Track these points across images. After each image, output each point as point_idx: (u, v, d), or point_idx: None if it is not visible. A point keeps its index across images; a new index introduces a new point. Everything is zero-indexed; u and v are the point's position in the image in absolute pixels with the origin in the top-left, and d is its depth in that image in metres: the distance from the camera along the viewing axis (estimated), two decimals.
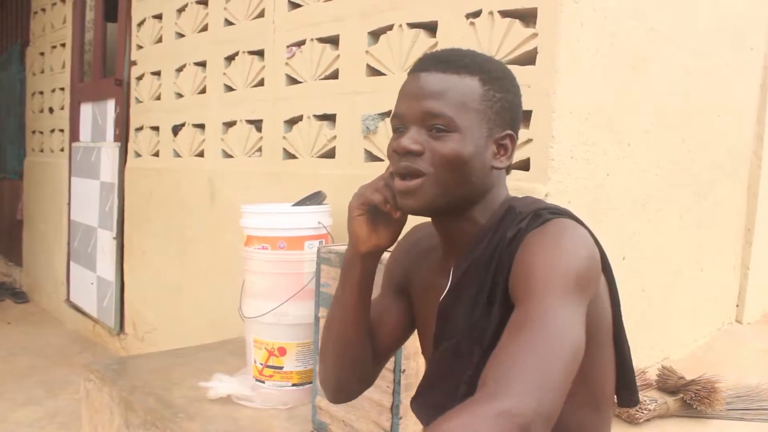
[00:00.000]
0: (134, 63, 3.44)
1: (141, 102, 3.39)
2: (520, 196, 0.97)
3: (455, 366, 0.89)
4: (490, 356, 0.72)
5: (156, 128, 3.26)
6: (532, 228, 0.85)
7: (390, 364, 1.40)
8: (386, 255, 1.07)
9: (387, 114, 2.01)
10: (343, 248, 1.55)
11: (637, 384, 0.99)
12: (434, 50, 0.97)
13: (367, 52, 2.07)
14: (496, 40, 1.69)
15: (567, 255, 0.80)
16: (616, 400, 0.97)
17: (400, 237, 1.04)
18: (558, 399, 0.67)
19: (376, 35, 2.07)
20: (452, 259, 0.95)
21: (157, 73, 3.24)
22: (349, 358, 1.01)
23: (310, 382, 1.76)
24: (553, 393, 0.66)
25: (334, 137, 2.21)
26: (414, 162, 0.88)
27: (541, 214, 0.87)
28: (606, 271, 0.89)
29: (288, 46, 2.40)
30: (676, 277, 2.26)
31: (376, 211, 0.96)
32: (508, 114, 0.91)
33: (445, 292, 0.94)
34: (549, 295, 0.75)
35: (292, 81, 2.40)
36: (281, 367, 1.81)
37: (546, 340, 0.70)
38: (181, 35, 3.06)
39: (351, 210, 0.98)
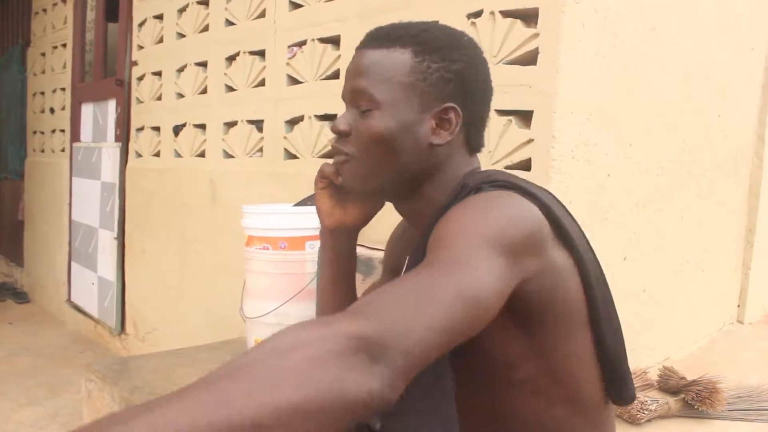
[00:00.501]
0: (135, 63, 3.44)
1: (142, 102, 3.39)
2: (484, 169, 0.91)
3: None
4: None
5: (157, 128, 3.26)
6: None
7: None
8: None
9: None
10: None
11: (631, 380, 0.89)
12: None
13: None
14: (497, 41, 1.69)
15: (490, 213, 0.73)
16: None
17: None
18: (432, 340, 0.57)
19: None
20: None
21: (158, 74, 3.24)
22: None
23: None
24: (425, 331, 0.57)
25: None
26: (341, 143, 0.87)
27: (482, 187, 0.81)
28: (573, 249, 0.80)
29: (289, 47, 2.40)
30: (677, 277, 2.26)
31: (342, 188, 0.93)
32: (449, 85, 0.84)
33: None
34: (458, 244, 0.67)
35: (294, 81, 2.40)
36: None
37: (433, 279, 0.62)
38: (182, 35, 3.06)
39: (315, 183, 0.99)
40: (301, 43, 2.34)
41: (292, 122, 2.42)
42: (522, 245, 0.72)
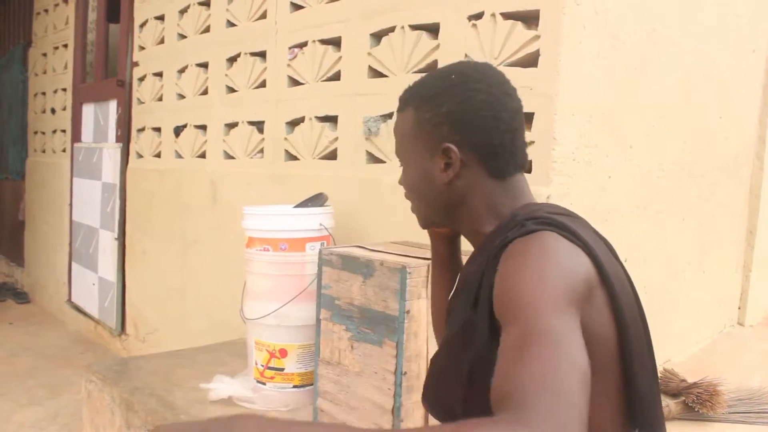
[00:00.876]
0: (136, 64, 3.44)
1: (143, 103, 3.40)
2: (539, 202, 0.97)
3: (447, 372, 0.88)
4: (493, 376, 0.68)
5: (158, 129, 3.26)
6: (513, 237, 0.83)
7: (391, 366, 1.40)
8: None
9: (389, 116, 2.01)
10: (344, 250, 1.55)
11: (663, 424, 0.88)
12: None
13: (369, 53, 2.07)
14: (498, 43, 1.69)
15: (549, 271, 0.77)
16: None
17: None
18: (581, 415, 0.63)
19: (378, 37, 2.07)
20: None
21: (159, 74, 3.25)
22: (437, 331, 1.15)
23: (312, 384, 1.75)
24: (573, 410, 0.62)
25: (336, 139, 2.21)
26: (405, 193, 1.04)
27: (525, 224, 0.85)
28: (609, 287, 0.83)
29: (290, 48, 2.40)
30: (678, 279, 2.26)
31: None
32: (443, 127, 0.92)
33: (451, 294, 0.98)
34: (540, 313, 0.71)
35: (294, 82, 2.40)
36: (282, 369, 1.81)
37: (552, 358, 0.66)
38: (183, 36, 3.07)
39: None
40: (302, 45, 2.34)
41: (293, 123, 2.42)
42: (581, 294, 0.77)
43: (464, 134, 0.92)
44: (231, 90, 2.74)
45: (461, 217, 0.97)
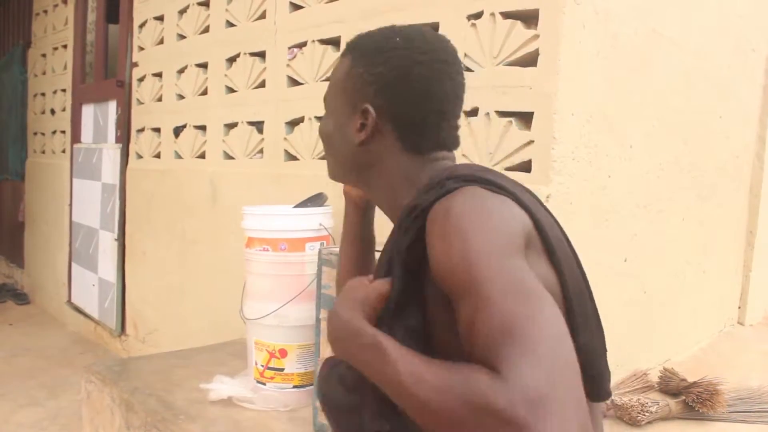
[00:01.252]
0: (136, 64, 3.44)
1: (142, 103, 3.40)
2: (460, 164, 0.91)
3: None
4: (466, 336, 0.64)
5: (157, 130, 3.26)
6: (434, 200, 0.76)
7: None
8: None
9: None
10: None
11: (608, 378, 0.86)
12: None
13: None
14: (497, 42, 1.69)
15: (482, 223, 0.70)
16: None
17: None
18: (575, 359, 0.61)
19: None
20: None
21: (159, 75, 3.24)
22: None
23: (311, 384, 1.75)
24: (572, 376, 0.60)
25: None
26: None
27: (445, 183, 0.79)
28: (543, 236, 0.78)
29: (289, 48, 2.40)
30: (678, 278, 2.26)
31: None
32: (370, 87, 0.88)
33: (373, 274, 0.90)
34: (493, 272, 0.65)
35: (294, 82, 2.40)
36: (282, 369, 1.81)
37: (534, 324, 0.61)
38: (182, 37, 3.06)
39: None
40: (302, 45, 2.34)
41: (293, 123, 2.41)
42: (521, 242, 0.73)
43: (388, 101, 0.88)
44: (230, 90, 2.74)
45: (373, 183, 0.93)
